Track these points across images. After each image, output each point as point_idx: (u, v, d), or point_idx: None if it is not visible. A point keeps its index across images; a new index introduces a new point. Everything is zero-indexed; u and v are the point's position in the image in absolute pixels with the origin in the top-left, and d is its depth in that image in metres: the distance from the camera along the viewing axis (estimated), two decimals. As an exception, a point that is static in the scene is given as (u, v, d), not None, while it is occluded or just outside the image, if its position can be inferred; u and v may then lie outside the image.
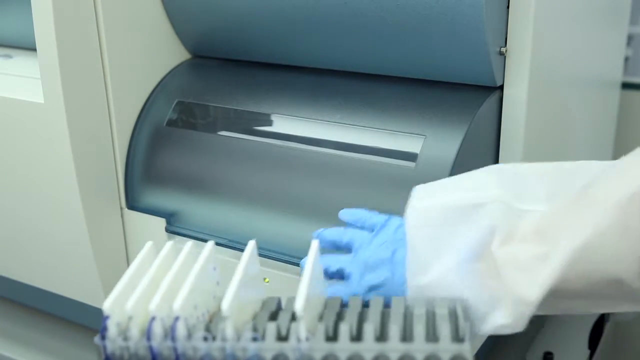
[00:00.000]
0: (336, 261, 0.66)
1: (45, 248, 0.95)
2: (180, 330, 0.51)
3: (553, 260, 0.55)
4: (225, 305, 0.51)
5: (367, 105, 0.84)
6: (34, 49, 0.82)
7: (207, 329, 0.53)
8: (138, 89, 0.91)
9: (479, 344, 0.85)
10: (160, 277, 0.55)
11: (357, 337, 0.53)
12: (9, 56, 1.02)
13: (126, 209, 0.92)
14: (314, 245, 0.58)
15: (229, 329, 0.51)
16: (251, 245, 0.59)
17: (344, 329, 0.51)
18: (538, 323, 1.03)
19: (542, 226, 0.57)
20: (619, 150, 1.25)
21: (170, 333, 0.51)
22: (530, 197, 0.59)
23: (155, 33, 0.92)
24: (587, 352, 0.98)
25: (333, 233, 0.68)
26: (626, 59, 1.25)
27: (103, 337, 0.52)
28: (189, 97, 0.92)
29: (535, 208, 0.58)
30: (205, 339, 0.51)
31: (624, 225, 0.53)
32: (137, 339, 0.52)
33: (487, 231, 0.57)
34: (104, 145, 0.88)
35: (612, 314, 1.12)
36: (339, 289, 0.64)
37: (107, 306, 0.51)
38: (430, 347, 0.51)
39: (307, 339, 0.51)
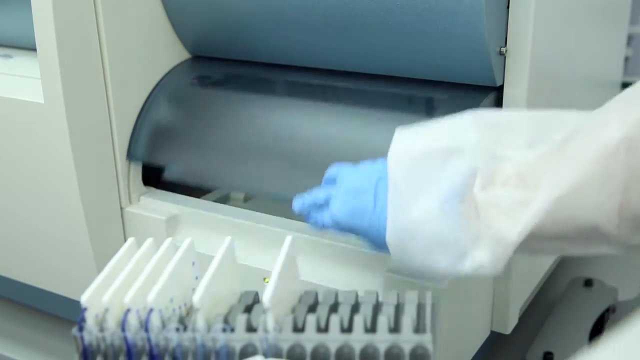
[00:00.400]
0: (322, 191, 0.68)
1: (45, 248, 0.95)
2: (154, 322, 0.53)
3: (534, 205, 0.57)
4: (196, 297, 0.53)
5: (367, 105, 0.84)
6: (34, 49, 0.82)
7: (181, 320, 0.55)
8: (138, 88, 0.91)
9: (478, 344, 0.85)
10: (138, 272, 0.57)
11: (324, 328, 0.54)
12: (9, 56, 1.02)
13: (126, 209, 0.92)
14: (288, 240, 0.60)
15: (200, 320, 0.53)
16: (228, 240, 0.61)
17: (311, 320, 0.53)
18: (538, 323, 1.03)
19: (524, 172, 0.58)
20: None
21: (144, 324, 0.53)
22: (510, 144, 0.60)
23: (155, 33, 0.92)
24: (587, 352, 0.98)
25: (311, 193, 0.70)
26: (626, 59, 1.26)
27: (81, 329, 0.55)
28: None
29: (515, 154, 0.60)
30: (177, 329, 0.53)
31: (606, 174, 0.54)
32: (113, 330, 0.54)
33: (469, 173, 0.59)
34: (104, 145, 0.88)
35: (612, 313, 1.12)
36: (321, 216, 0.67)
37: (84, 299, 0.54)
38: (392, 338, 0.53)
39: (275, 330, 0.53)
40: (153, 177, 0.96)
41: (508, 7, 0.75)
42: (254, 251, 0.84)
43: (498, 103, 0.78)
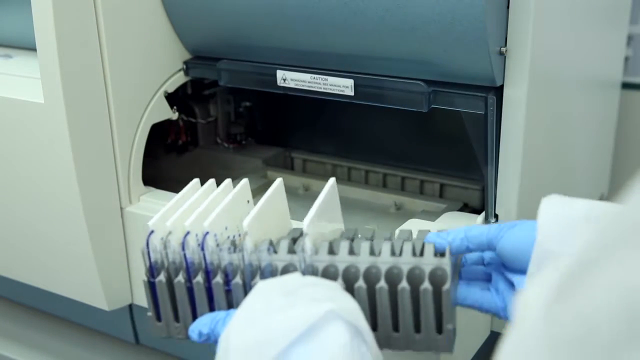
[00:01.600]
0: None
1: (45, 248, 0.95)
2: (209, 243, 0.62)
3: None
4: (245, 222, 0.61)
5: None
6: (34, 49, 0.82)
7: (233, 243, 0.63)
8: (138, 88, 0.91)
9: (478, 344, 0.85)
10: (198, 204, 0.66)
11: (356, 253, 0.61)
12: (9, 56, 1.02)
13: (126, 209, 0.92)
14: (331, 181, 0.67)
15: (248, 242, 0.61)
16: (278, 181, 0.69)
17: (344, 245, 0.61)
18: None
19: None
20: (619, 150, 1.25)
21: (201, 245, 0.62)
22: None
23: (155, 33, 0.92)
24: (587, 352, 0.98)
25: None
26: (626, 59, 1.25)
27: (148, 249, 0.63)
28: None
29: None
30: (229, 250, 0.62)
31: None
32: (175, 249, 0.63)
33: None
34: (104, 145, 0.88)
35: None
36: None
37: (151, 223, 0.63)
38: (415, 260, 0.60)
39: (312, 252, 0.60)
40: (153, 178, 0.97)
41: (508, 7, 0.75)
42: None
43: (498, 103, 0.78)
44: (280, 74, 0.88)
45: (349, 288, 0.59)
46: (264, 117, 1.18)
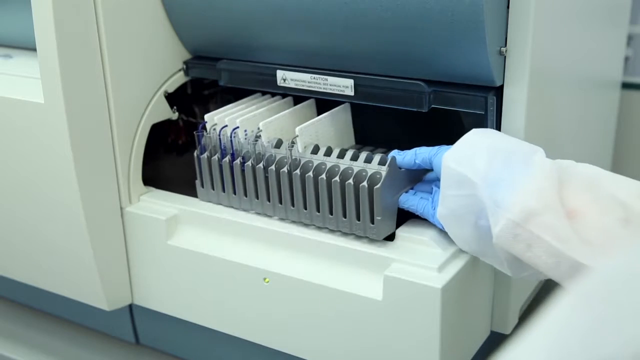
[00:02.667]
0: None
1: (45, 248, 0.95)
2: (239, 134, 0.86)
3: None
4: (261, 123, 0.85)
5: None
6: (34, 49, 0.82)
7: (256, 138, 0.85)
8: (138, 88, 0.91)
9: (478, 344, 0.85)
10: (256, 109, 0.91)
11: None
12: (9, 56, 1.02)
13: (126, 209, 0.92)
14: (344, 105, 0.90)
15: (263, 138, 0.85)
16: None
17: (324, 149, 0.82)
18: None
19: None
20: (619, 150, 1.25)
21: (231, 135, 0.87)
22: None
23: (155, 33, 0.92)
24: (587, 352, 0.98)
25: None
26: (626, 59, 1.25)
27: (200, 134, 0.88)
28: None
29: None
30: (248, 141, 0.85)
31: None
32: (215, 135, 0.87)
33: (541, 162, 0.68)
34: (104, 145, 0.88)
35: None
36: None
37: (206, 117, 0.89)
38: (364, 165, 0.79)
39: (302, 151, 0.83)
40: (153, 178, 0.97)
41: (508, 7, 0.75)
42: (254, 251, 0.84)
43: (498, 103, 0.78)
44: (280, 74, 0.88)
45: (316, 178, 0.79)
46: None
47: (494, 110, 0.78)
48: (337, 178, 0.78)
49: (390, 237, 0.80)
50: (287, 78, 0.87)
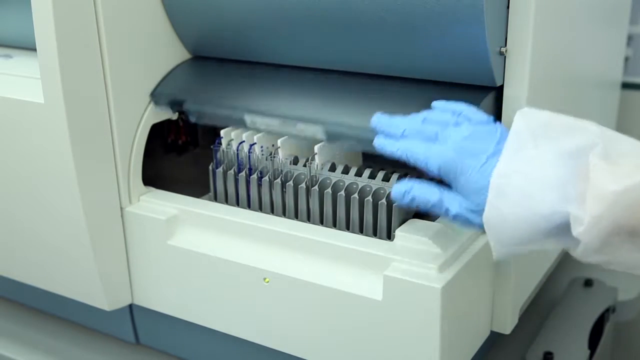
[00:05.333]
0: (433, 124, 0.73)
1: (45, 248, 0.95)
2: (256, 151, 0.89)
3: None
4: (279, 140, 0.87)
5: (366, 105, 0.84)
6: (34, 49, 0.82)
7: (271, 155, 0.88)
8: (138, 88, 0.91)
9: (478, 344, 0.85)
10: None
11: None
12: (9, 56, 1.02)
13: (126, 209, 0.92)
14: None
15: (280, 154, 0.88)
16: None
17: (341, 167, 0.86)
18: (538, 323, 1.03)
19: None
20: (619, 150, 1.25)
21: (248, 151, 0.89)
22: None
23: (155, 33, 0.92)
24: (587, 352, 0.98)
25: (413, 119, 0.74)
26: (626, 59, 1.25)
27: (216, 148, 0.92)
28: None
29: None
30: (265, 157, 0.89)
31: None
32: (231, 151, 0.91)
33: (590, 144, 0.62)
34: (104, 145, 0.88)
35: (612, 313, 1.12)
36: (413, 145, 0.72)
37: (222, 132, 0.92)
38: (382, 184, 0.82)
39: (318, 166, 0.86)
40: (153, 178, 0.97)
41: (508, 7, 0.75)
42: (254, 251, 0.84)
43: (498, 103, 0.78)
44: (248, 118, 0.88)
45: (335, 194, 0.83)
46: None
47: (494, 111, 0.78)
48: (355, 195, 0.82)
49: (390, 237, 0.80)
50: (256, 121, 0.88)
